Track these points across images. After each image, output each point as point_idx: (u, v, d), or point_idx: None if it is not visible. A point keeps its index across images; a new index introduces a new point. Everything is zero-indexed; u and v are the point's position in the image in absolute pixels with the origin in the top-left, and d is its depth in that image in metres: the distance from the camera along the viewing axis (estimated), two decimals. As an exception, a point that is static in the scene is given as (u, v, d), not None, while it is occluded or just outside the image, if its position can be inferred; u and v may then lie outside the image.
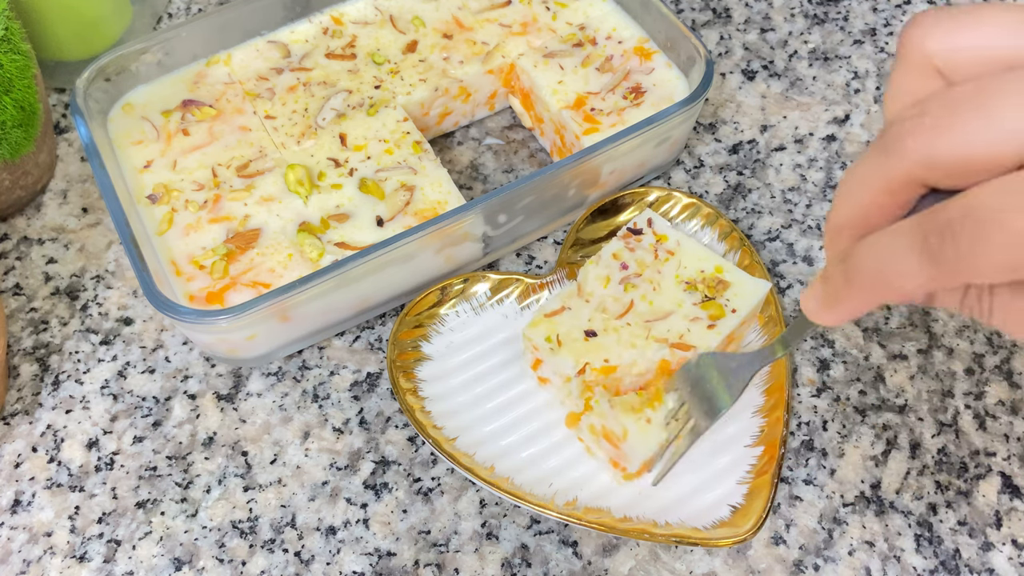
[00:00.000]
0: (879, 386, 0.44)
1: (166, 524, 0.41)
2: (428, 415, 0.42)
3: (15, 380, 0.45)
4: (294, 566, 0.40)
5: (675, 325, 0.41)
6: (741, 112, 0.54)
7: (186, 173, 0.47)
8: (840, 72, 0.56)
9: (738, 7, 0.59)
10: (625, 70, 0.50)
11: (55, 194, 0.52)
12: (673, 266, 0.43)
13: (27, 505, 0.42)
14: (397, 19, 0.53)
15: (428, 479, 0.42)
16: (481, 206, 0.42)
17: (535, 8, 0.53)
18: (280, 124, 0.49)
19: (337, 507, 0.41)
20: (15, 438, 0.43)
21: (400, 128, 0.48)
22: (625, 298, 0.42)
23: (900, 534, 0.40)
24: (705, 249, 0.43)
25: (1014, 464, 0.42)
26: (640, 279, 0.42)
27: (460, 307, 0.45)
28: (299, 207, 0.46)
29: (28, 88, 0.46)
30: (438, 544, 0.40)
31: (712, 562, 0.40)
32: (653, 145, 0.47)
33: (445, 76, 0.50)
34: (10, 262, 0.49)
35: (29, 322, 0.47)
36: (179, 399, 0.44)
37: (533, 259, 0.49)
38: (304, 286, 0.40)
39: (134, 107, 0.49)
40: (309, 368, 0.45)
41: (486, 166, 0.52)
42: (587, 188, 0.47)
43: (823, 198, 0.51)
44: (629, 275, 0.42)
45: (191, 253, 0.44)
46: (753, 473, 0.40)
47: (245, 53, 0.51)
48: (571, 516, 0.38)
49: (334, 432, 0.43)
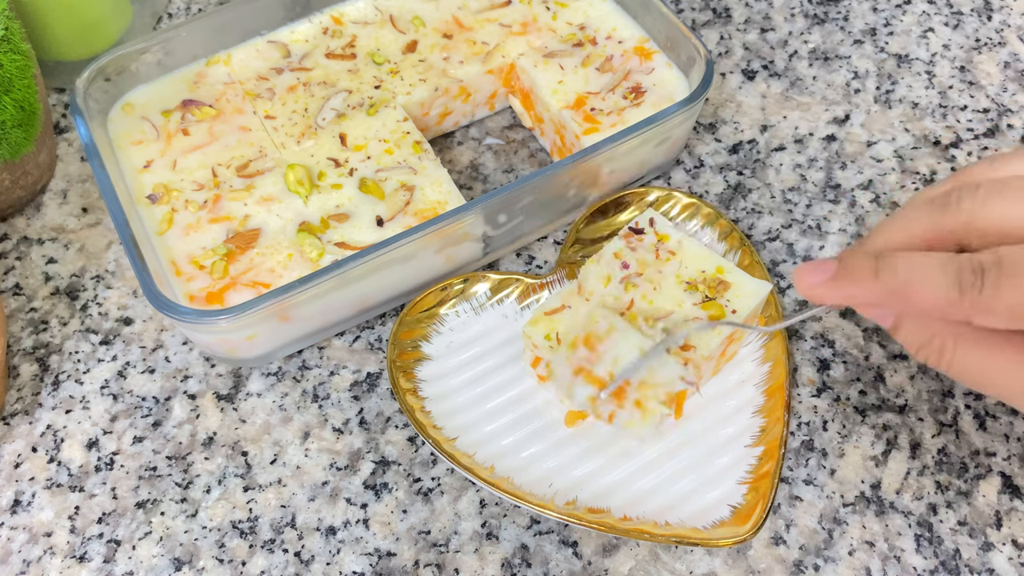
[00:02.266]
0: (879, 386, 0.44)
1: (166, 524, 0.41)
2: (428, 415, 0.42)
3: (15, 380, 0.45)
4: (294, 566, 0.40)
5: (674, 324, 0.41)
6: (741, 112, 0.54)
7: (186, 173, 0.47)
8: (840, 72, 0.56)
9: (738, 7, 0.59)
10: (625, 70, 0.50)
11: (55, 194, 0.52)
12: (674, 266, 0.43)
13: (27, 505, 0.42)
14: (397, 19, 0.53)
15: (428, 479, 0.42)
16: (481, 206, 0.42)
17: (535, 8, 0.53)
18: (280, 124, 0.49)
19: (337, 507, 0.41)
20: (15, 438, 0.43)
21: (400, 128, 0.48)
22: (625, 297, 0.42)
23: (900, 534, 0.40)
24: (706, 249, 0.43)
25: (1014, 464, 0.42)
26: (641, 278, 0.42)
27: (460, 307, 0.45)
28: (299, 207, 0.46)
29: (28, 88, 0.46)
30: (438, 544, 0.40)
31: (712, 562, 0.40)
32: (653, 145, 0.47)
33: (445, 76, 0.50)
34: (10, 262, 0.49)
35: (29, 322, 0.47)
36: (179, 399, 0.44)
37: (533, 259, 0.49)
38: (304, 286, 0.40)
39: (134, 107, 0.49)
40: (309, 368, 0.45)
41: (486, 166, 0.52)
42: (587, 188, 0.47)
43: (823, 198, 0.51)
44: (630, 274, 0.42)
45: (191, 253, 0.44)
46: (753, 473, 0.40)
47: (245, 53, 0.51)
48: (571, 516, 0.38)
49: (334, 432, 0.43)
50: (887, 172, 0.52)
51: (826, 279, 0.33)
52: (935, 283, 0.30)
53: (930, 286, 0.30)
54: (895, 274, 0.31)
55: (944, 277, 0.30)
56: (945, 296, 0.30)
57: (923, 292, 0.30)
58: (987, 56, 0.57)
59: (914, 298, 0.31)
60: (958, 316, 0.30)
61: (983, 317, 0.30)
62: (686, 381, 0.38)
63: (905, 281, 0.31)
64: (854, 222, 0.50)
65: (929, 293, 0.30)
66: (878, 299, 0.32)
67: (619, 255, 0.43)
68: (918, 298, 0.31)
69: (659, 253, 0.43)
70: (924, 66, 0.56)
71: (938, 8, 0.59)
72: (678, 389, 0.38)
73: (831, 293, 0.33)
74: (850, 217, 0.50)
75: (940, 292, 0.30)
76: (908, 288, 0.31)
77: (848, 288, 0.32)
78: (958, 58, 0.57)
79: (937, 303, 0.30)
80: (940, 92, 0.55)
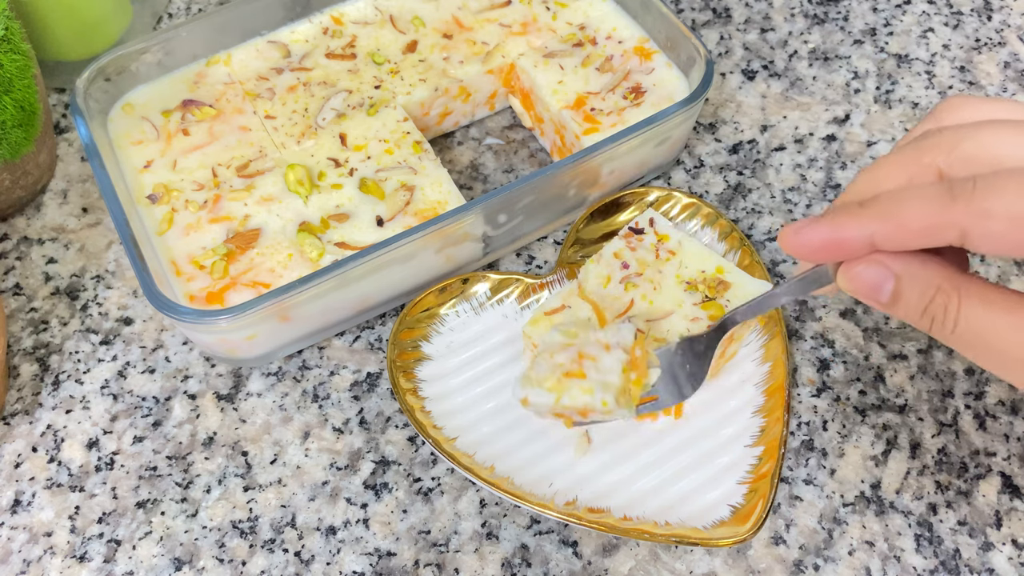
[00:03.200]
0: (879, 386, 0.44)
1: (166, 524, 0.41)
2: (428, 415, 0.42)
3: (15, 380, 0.45)
4: (294, 566, 0.40)
5: (675, 325, 0.41)
6: (741, 112, 0.54)
7: (186, 173, 0.47)
8: (840, 72, 0.56)
9: (738, 7, 0.59)
10: (625, 70, 0.50)
11: (55, 194, 0.52)
12: (674, 266, 0.43)
13: (27, 505, 0.42)
14: (397, 19, 0.53)
15: (428, 479, 0.42)
16: (481, 206, 0.42)
17: (535, 8, 0.53)
18: (280, 124, 0.49)
19: (337, 507, 0.41)
20: (15, 438, 0.43)
21: (400, 128, 0.48)
22: (625, 297, 0.42)
23: (900, 534, 0.40)
24: (707, 249, 0.43)
25: (1014, 464, 0.42)
26: (641, 278, 0.42)
27: (460, 307, 0.45)
28: (299, 207, 0.46)
29: (28, 88, 0.46)
30: (438, 544, 0.40)
31: (712, 562, 0.40)
32: (653, 145, 0.47)
33: (445, 76, 0.50)
34: (10, 262, 0.49)
35: (29, 322, 0.47)
36: (179, 399, 0.44)
37: (533, 259, 0.49)
38: (304, 286, 0.40)
39: (134, 107, 0.49)
40: (309, 368, 0.45)
41: (486, 166, 0.52)
42: (587, 188, 0.47)
43: (823, 198, 0.51)
44: (630, 274, 0.42)
45: (191, 253, 0.44)
46: (753, 473, 0.40)
47: (245, 53, 0.51)
48: (571, 516, 0.38)
49: (334, 432, 0.43)
50: (887, 172, 0.52)
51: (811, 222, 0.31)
52: (925, 195, 0.29)
53: (920, 199, 0.29)
54: (881, 201, 0.30)
55: (934, 188, 0.28)
56: (938, 204, 0.28)
57: (913, 206, 0.29)
58: (987, 56, 0.57)
59: (905, 215, 0.29)
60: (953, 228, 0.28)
61: (980, 222, 0.28)
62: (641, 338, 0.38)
63: (894, 200, 0.29)
64: (854, 222, 0.50)
65: (920, 206, 0.29)
66: (867, 230, 0.30)
67: (619, 255, 0.43)
68: (909, 215, 0.29)
69: (659, 253, 0.43)
70: (924, 66, 0.56)
71: (938, 8, 0.59)
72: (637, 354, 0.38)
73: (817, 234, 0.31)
74: (850, 217, 0.50)
75: (932, 203, 0.28)
76: (898, 206, 0.29)
77: (835, 223, 0.31)
78: (958, 58, 0.57)
79: (930, 214, 0.28)
80: (940, 92, 0.55)
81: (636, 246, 0.43)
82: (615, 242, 0.44)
